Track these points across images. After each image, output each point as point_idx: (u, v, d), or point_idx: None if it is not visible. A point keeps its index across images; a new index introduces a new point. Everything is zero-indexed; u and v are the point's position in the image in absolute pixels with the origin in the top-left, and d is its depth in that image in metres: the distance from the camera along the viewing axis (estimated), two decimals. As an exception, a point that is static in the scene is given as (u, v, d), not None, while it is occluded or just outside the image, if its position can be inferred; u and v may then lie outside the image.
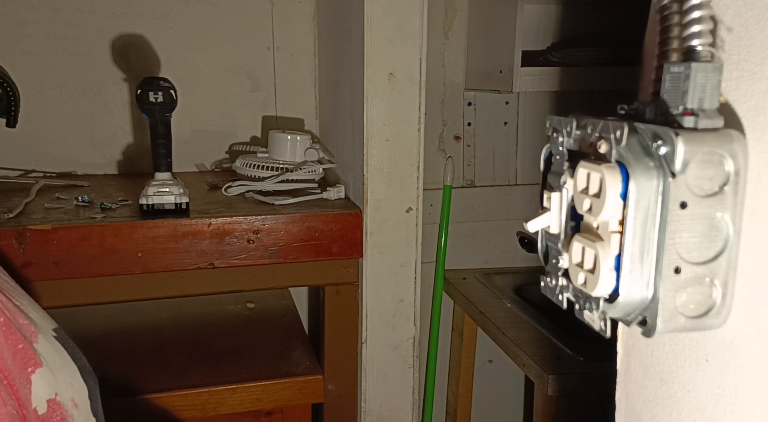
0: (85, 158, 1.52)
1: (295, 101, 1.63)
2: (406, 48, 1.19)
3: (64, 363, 0.64)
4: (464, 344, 1.73)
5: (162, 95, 1.11)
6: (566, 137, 0.39)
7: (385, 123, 1.21)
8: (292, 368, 1.23)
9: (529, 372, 1.29)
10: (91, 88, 1.50)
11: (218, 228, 1.15)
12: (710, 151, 0.33)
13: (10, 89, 1.22)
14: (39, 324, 0.64)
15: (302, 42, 1.60)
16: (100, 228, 1.09)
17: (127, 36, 1.50)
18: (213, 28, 1.54)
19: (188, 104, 1.49)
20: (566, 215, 0.39)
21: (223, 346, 1.31)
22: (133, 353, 1.27)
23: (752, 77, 0.34)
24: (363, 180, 1.23)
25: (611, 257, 0.35)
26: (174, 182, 1.16)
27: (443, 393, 1.84)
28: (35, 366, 0.56)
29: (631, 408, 0.45)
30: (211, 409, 1.17)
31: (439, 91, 1.71)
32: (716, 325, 0.35)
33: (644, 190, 0.33)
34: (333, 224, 1.21)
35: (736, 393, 0.36)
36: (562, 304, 0.40)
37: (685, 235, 0.34)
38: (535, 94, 1.77)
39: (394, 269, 1.28)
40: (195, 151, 1.58)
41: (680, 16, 0.35)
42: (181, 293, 1.22)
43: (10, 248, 1.05)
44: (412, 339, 1.32)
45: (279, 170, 1.33)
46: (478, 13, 1.66)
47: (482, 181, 1.80)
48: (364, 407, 1.32)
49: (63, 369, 0.62)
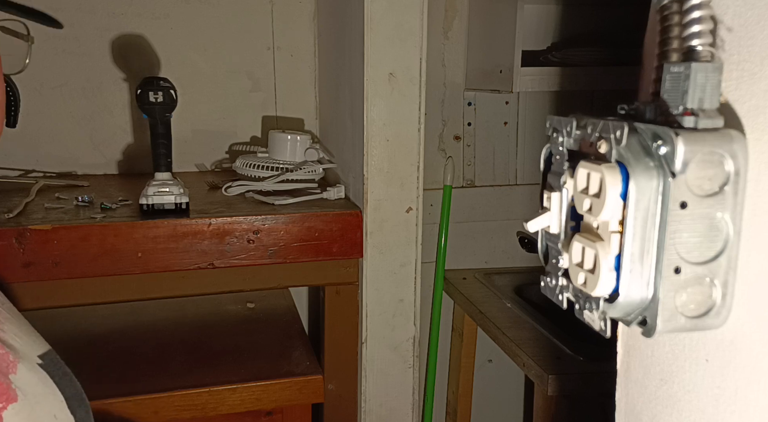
0: (85, 158, 1.52)
1: (295, 101, 1.62)
2: (406, 48, 1.19)
3: (48, 393, 0.59)
4: (464, 344, 1.73)
5: (162, 95, 1.11)
6: (566, 137, 0.39)
7: (385, 123, 1.21)
8: (292, 368, 1.23)
9: (529, 372, 1.29)
10: (91, 88, 1.50)
11: (218, 228, 1.15)
12: (710, 151, 0.33)
13: (10, 89, 1.22)
14: (22, 351, 0.59)
15: (302, 42, 1.60)
16: (100, 228, 1.09)
17: (127, 36, 1.50)
18: (213, 28, 1.54)
19: (188, 104, 1.49)
20: (566, 215, 0.39)
21: (223, 346, 1.31)
22: (133, 353, 1.27)
23: (752, 77, 0.34)
24: (363, 180, 1.23)
25: (611, 257, 0.35)
26: (174, 182, 1.16)
27: (443, 393, 1.84)
28: (8, 402, 0.53)
29: (631, 408, 0.45)
30: (211, 409, 1.17)
31: (439, 91, 1.71)
32: (716, 325, 0.35)
33: (644, 190, 0.33)
34: (333, 224, 1.21)
35: (736, 393, 0.36)
36: (562, 304, 0.40)
37: (685, 235, 0.34)
38: (535, 94, 1.77)
39: (394, 269, 1.27)
40: (195, 151, 1.58)
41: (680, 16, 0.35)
42: (181, 293, 1.22)
43: (10, 248, 1.05)
44: (412, 339, 1.32)
45: (279, 170, 1.33)
46: (478, 13, 1.66)
47: (482, 181, 1.80)
48: (364, 407, 1.32)
49: (45, 401, 0.58)
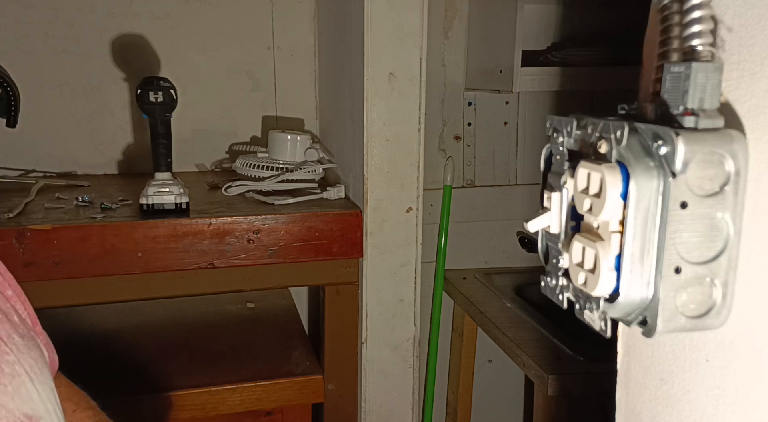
0: (85, 158, 1.52)
1: (295, 101, 1.62)
2: (406, 48, 1.19)
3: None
4: (464, 344, 1.73)
5: (162, 95, 1.11)
6: (566, 137, 0.39)
7: (385, 123, 1.21)
8: (292, 368, 1.23)
9: (529, 372, 1.29)
10: (91, 88, 1.50)
11: (218, 228, 1.15)
12: (711, 151, 0.33)
13: (10, 89, 1.22)
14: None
15: (302, 42, 1.60)
16: (100, 228, 1.09)
17: (127, 36, 1.50)
18: (213, 28, 1.54)
19: (188, 104, 1.49)
20: (566, 215, 0.39)
21: (223, 346, 1.31)
22: (133, 353, 1.27)
23: (752, 77, 0.34)
24: (363, 180, 1.23)
25: (611, 257, 0.35)
26: (174, 181, 1.16)
27: (443, 393, 1.84)
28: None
29: (631, 408, 0.45)
30: (211, 409, 1.17)
31: (439, 91, 1.71)
32: (716, 325, 0.35)
33: (644, 190, 0.33)
34: (333, 224, 1.21)
35: (736, 393, 0.36)
36: (562, 304, 0.40)
37: (686, 235, 0.34)
38: (535, 94, 1.77)
39: (394, 269, 1.27)
40: (195, 151, 1.58)
41: (681, 15, 0.35)
42: (181, 293, 1.22)
43: (10, 248, 1.05)
44: (412, 339, 1.32)
45: (279, 170, 1.33)
46: (478, 13, 1.66)
47: (482, 181, 1.80)
48: (364, 407, 1.32)
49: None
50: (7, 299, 0.58)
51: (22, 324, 0.58)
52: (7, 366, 0.51)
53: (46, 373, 0.56)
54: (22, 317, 0.60)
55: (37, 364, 0.55)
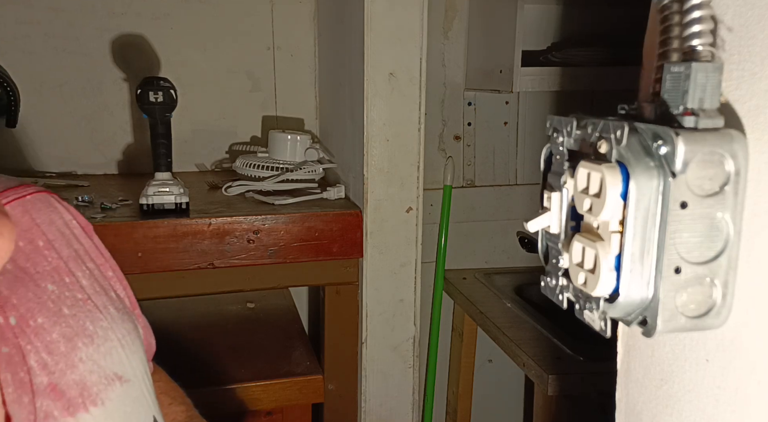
0: (85, 158, 1.52)
1: (295, 101, 1.62)
2: (406, 48, 1.19)
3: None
4: (464, 344, 1.73)
5: (162, 95, 1.11)
6: (566, 137, 0.39)
7: (385, 123, 1.21)
8: (292, 368, 1.23)
9: (529, 372, 1.29)
10: (91, 88, 1.50)
11: (218, 228, 1.15)
12: (711, 151, 0.33)
13: (10, 89, 1.22)
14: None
15: (302, 42, 1.60)
16: (100, 228, 1.08)
17: (127, 36, 1.50)
18: (213, 28, 1.54)
19: (188, 104, 1.49)
20: (566, 215, 0.39)
21: (223, 346, 1.31)
22: (133, 353, 1.27)
23: (753, 77, 0.34)
24: (363, 180, 1.23)
25: (611, 257, 0.35)
26: (174, 181, 1.16)
27: (443, 393, 1.84)
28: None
29: (631, 408, 0.45)
30: (211, 409, 1.16)
31: (439, 91, 1.71)
32: (716, 325, 0.35)
33: (644, 190, 0.33)
34: (333, 224, 1.21)
35: (736, 393, 0.36)
36: (562, 304, 0.40)
37: (686, 235, 0.34)
38: (535, 94, 1.77)
39: (394, 269, 1.27)
40: (195, 151, 1.58)
41: (681, 15, 0.35)
42: (181, 293, 1.22)
43: (10, 248, 1.05)
44: (412, 339, 1.32)
45: (279, 170, 1.33)
46: (478, 13, 1.66)
47: (482, 181, 1.80)
48: (364, 407, 1.32)
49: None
50: (107, 279, 0.63)
51: (119, 301, 0.63)
52: (101, 330, 0.56)
53: (138, 345, 0.60)
54: (120, 296, 0.65)
55: (130, 335, 0.59)
